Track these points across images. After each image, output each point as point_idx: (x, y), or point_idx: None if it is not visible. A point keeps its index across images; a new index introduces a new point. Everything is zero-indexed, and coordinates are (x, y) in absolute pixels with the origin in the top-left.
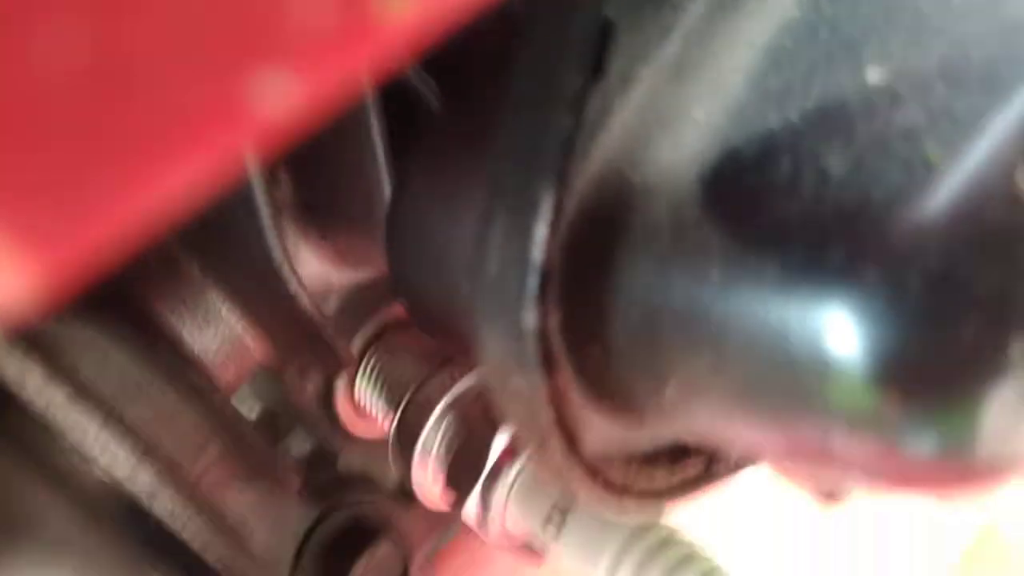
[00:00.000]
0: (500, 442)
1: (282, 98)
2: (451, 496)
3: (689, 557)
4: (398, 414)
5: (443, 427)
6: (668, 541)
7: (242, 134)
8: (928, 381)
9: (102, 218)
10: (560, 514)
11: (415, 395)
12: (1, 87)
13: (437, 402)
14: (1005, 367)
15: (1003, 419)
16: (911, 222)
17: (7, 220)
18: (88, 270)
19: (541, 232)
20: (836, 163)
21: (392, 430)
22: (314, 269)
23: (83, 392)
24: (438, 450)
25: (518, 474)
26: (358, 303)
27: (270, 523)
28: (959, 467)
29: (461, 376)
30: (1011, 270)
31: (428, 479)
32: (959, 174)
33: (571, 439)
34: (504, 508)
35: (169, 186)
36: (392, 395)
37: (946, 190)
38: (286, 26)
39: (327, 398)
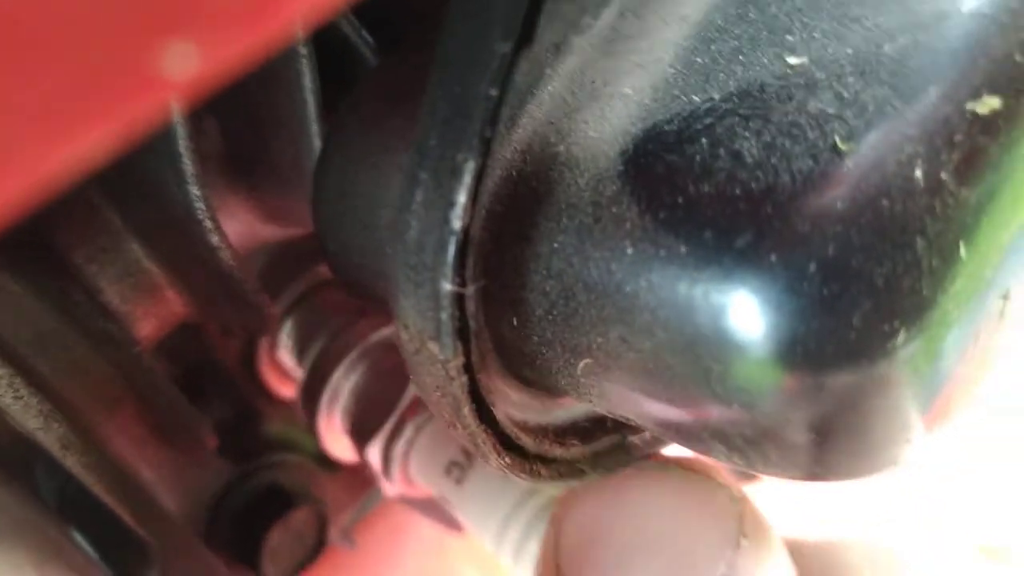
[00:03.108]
0: (407, 396)
1: (190, 66)
2: (354, 445)
3: None
4: (309, 362)
5: (352, 377)
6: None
7: (153, 98)
8: (818, 366)
9: (20, 172)
10: (460, 469)
11: (328, 345)
12: None
13: (348, 352)
14: (892, 353)
15: (888, 405)
16: (813, 209)
17: None
18: (4, 219)
19: (462, 199)
20: (750, 146)
21: (303, 378)
22: (241, 224)
23: None
24: (345, 399)
25: (420, 428)
26: (286, 262)
27: (184, 484)
28: (845, 451)
29: (374, 329)
30: (903, 261)
31: (334, 427)
32: (861, 165)
33: (484, 407)
34: (406, 460)
35: (85, 142)
36: (305, 345)
37: (847, 178)
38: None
39: (249, 358)
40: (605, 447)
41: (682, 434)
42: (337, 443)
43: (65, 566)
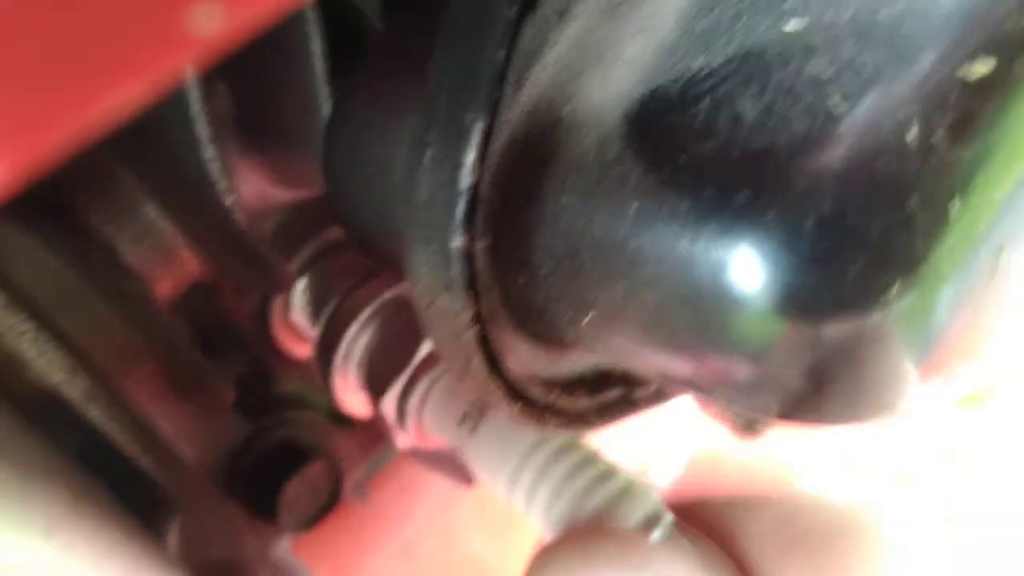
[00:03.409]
0: (420, 352)
1: (215, 25)
2: (369, 400)
3: (588, 460)
4: (323, 320)
5: (366, 334)
6: (570, 446)
7: (180, 54)
8: (815, 317)
9: (56, 124)
10: (472, 421)
11: (341, 303)
12: None
13: (361, 310)
14: (886, 306)
15: (883, 355)
16: (810, 168)
17: None
18: (39, 169)
19: (470, 159)
20: (749, 108)
21: (317, 336)
22: (253, 186)
23: (18, 298)
24: (360, 356)
25: (433, 383)
26: (297, 224)
27: (202, 438)
28: (841, 398)
29: (386, 288)
30: (896, 218)
31: (348, 384)
32: (857, 126)
33: (494, 359)
34: (420, 413)
35: (115, 97)
36: (319, 305)
37: (843, 140)
38: None
39: (263, 318)
40: (611, 399)
41: (684, 384)
42: (352, 399)
43: (90, 512)
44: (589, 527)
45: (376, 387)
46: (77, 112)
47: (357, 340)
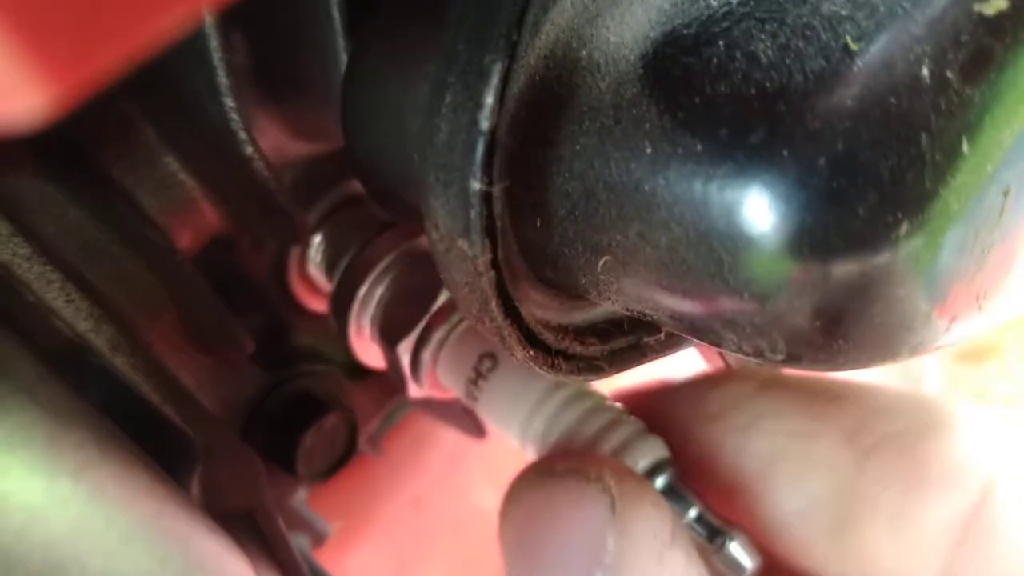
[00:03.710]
0: (435, 304)
1: None
2: (383, 351)
3: (599, 407)
4: (339, 272)
5: (381, 286)
6: (581, 394)
7: None
8: (826, 255)
9: (106, 46)
10: (484, 372)
11: (357, 255)
12: None
13: (376, 263)
14: (896, 244)
15: (892, 295)
16: (823, 106)
17: (31, 43)
18: (85, 93)
19: (489, 100)
20: (765, 48)
21: (333, 288)
22: (271, 139)
23: (45, 248)
24: (375, 307)
25: (447, 334)
26: (314, 177)
27: (222, 390)
28: (851, 339)
29: (401, 242)
30: (908, 156)
31: (363, 336)
32: (870, 64)
33: (510, 303)
34: (434, 364)
35: (164, 18)
36: (335, 259)
37: (856, 77)
38: None
39: (280, 271)
40: (621, 346)
41: (696, 326)
42: (367, 351)
43: (117, 456)
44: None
45: (391, 338)
46: (130, 31)
47: (373, 291)
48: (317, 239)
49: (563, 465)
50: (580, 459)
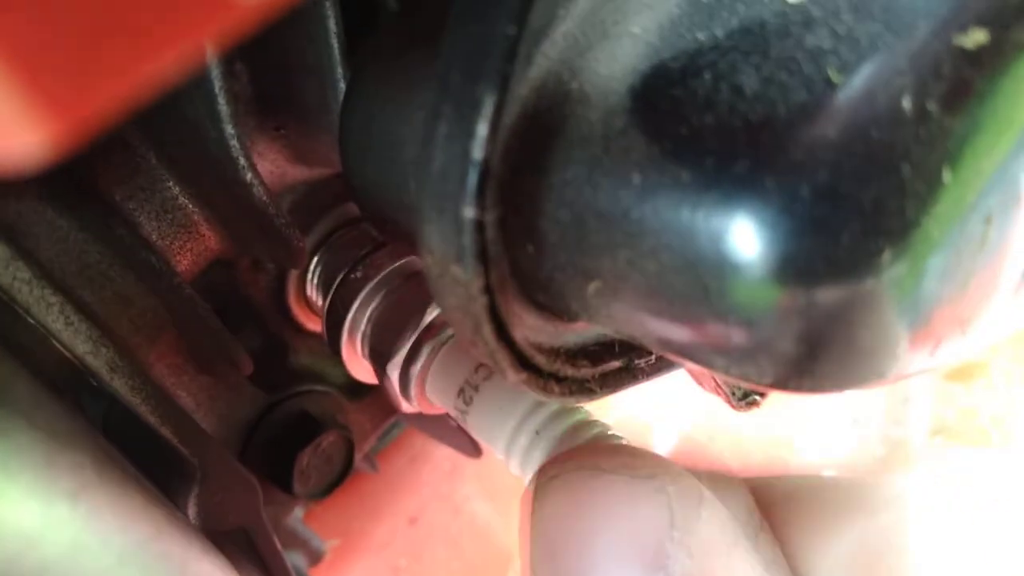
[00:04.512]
0: (423, 321)
1: None
2: (374, 367)
3: (584, 423)
4: (333, 289)
5: (372, 304)
6: (567, 410)
7: (225, 17)
8: (809, 282)
9: (108, 86)
10: (472, 387)
11: (349, 274)
12: None
13: (368, 281)
14: (878, 271)
15: (875, 320)
16: (806, 138)
17: (35, 82)
18: (86, 132)
19: (482, 132)
20: (750, 80)
21: (326, 304)
22: (270, 164)
23: (45, 272)
24: (366, 323)
25: (436, 350)
26: (312, 201)
27: (220, 409)
28: (834, 363)
29: (392, 260)
30: (890, 186)
31: (355, 352)
32: (852, 96)
33: (502, 327)
34: (422, 380)
35: (163, 60)
36: (330, 277)
37: (839, 109)
38: None
39: (279, 292)
40: (613, 369)
41: (683, 350)
42: (360, 366)
43: (114, 478)
44: (598, 443)
45: (381, 357)
46: (126, 72)
47: (364, 308)
48: (315, 260)
49: (610, 462)
50: (630, 455)
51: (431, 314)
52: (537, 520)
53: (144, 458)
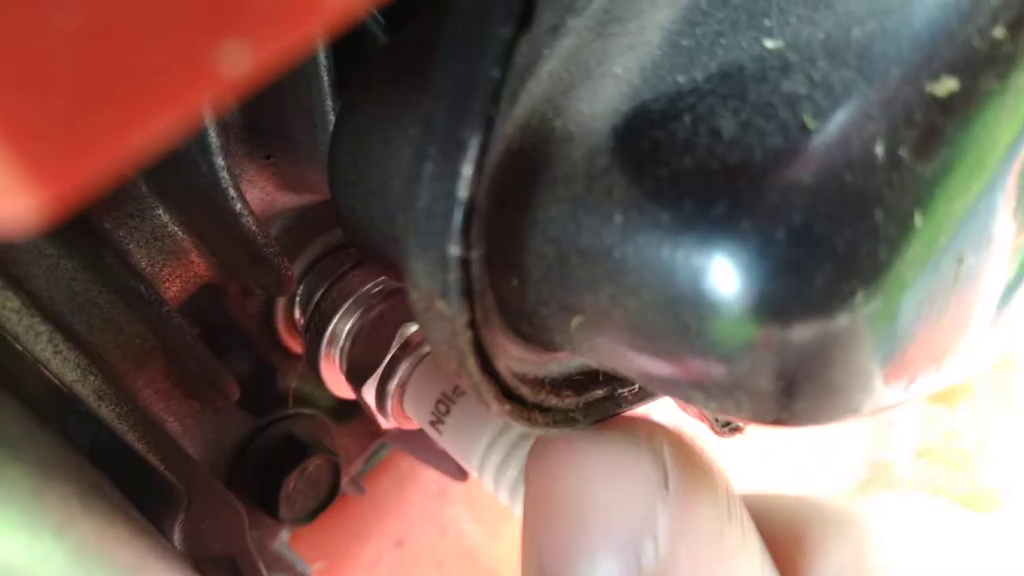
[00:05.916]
0: (398, 339)
1: (242, 62)
2: (351, 384)
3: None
4: (312, 307)
5: (349, 322)
6: None
7: (209, 90)
8: (785, 321)
9: (96, 154)
10: (446, 404)
11: (327, 293)
12: (20, 46)
13: (346, 299)
14: (852, 311)
15: (849, 358)
16: (782, 182)
17: (24, 152)
18: (77, 199)
19: (467, 171)
20: (728, 124)
21: (305, 321)
22: (259, 191)
23: (34, 299)
24: (343, 341)
25: (411, 368)
26: (301, 227)
27: (207, 434)
28: (809, 399)
29: (370, 279)
30: (862, 228)
31: (333, 369)
32: (827, 141)
33: (487, 360)
34: (398, 397)
35: (147, 130)
36: (311, 298)
37: (813, 154)
38: (247, 4)
39: (267, 317)
40: (596, 398)
41: (665, 384)
42: (339, 383)
43: (100, 509)
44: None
45: (358, 374)
46: (113, 143)
47: (343, 323)
48: (303, 285)
49: (609, 429)
50: (630, 421)
51: (409, 330)
52: (531, 490)
53: (131, 484)
